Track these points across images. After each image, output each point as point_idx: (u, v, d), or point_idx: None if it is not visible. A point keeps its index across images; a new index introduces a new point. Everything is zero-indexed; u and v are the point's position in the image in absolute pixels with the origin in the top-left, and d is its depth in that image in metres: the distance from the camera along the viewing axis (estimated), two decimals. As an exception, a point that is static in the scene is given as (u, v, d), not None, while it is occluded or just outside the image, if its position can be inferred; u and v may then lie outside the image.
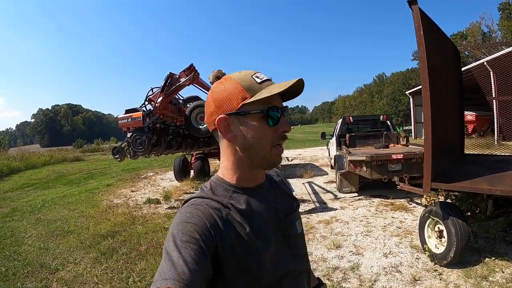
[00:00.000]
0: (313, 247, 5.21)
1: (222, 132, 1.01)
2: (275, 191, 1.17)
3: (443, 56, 5.14)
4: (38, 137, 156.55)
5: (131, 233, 6.40)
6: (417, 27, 3.96)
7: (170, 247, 0.83)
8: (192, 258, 0.80)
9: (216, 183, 1.05)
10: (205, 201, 0.98)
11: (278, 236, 1.06)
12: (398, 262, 4.51)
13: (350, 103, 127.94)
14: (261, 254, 0.97)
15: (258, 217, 1.02)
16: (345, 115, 11.72)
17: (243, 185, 1.04)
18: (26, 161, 22.74)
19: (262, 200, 1.07)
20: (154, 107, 7.30)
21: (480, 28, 54.25)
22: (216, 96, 1.01)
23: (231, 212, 0.98)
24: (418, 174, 7.49)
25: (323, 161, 16.52)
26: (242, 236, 0.95)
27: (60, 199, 10.63)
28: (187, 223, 0.89)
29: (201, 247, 0.84)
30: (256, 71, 1.04)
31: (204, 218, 0.91)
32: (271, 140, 1.00)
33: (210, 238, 0.88)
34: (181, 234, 0.86)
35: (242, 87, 0.98)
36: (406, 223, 6.08)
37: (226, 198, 1.00)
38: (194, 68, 7.54)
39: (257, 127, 0.98)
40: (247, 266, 0.94)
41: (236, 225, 0.96)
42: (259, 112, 0.97)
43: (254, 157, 1.01)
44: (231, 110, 0.98)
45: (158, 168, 17.43)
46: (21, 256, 5.71)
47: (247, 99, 0.97)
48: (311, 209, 7.52)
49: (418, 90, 29.03)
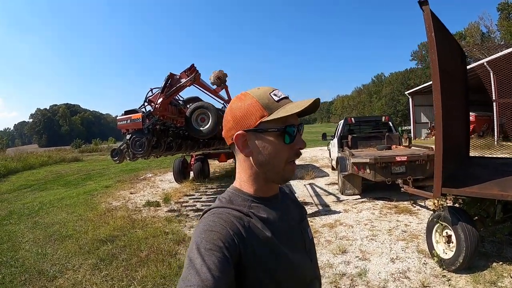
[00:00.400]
0: (319, 253, 5.08)
1: (240, 147, 1.03)
2: (287, 200, 1.20)
3: (452, 57, 5.05)
4: (36, 137, 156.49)
5: (130, 237, 6.27)
6: (428, 28, 3.85)
7: (194, 255, 0.84)
8: (215, 266, 0.81)
9: (234, 194, 1.07)
10: (226, 210, 1.00)
11: (298, 241, 1.11)
12: (406, 267, 4.41)
13: (348, 103, 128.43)
14: (287, 257, 1.00)
15: (278, 224, 1.04)
16: (347, 116, 11.63)
17: (260, 195, 1.07)
18: (23, 161, 22.74)
19: (278, 209, 1.09)
20: (154, 108, 7.17)
21: (479, 28, 54.53)
22: (235, 113, 1.04)
23: (252, 220, 0.99)
24: (421, 176, 7.44)
25: (323, 162, 16.47)
26: (265, 242, 0.97)
27: (58, 201, 10.52)
28: (211, 231, 0.90)
29: (224, 255, 0.85)
30: (274, 89, 1.06)
31: (227, 226, 0.92)
32: (287, 157, 1.03)
33: (233, 246, 0.89)
34: (204, 242, 0.87)
35: (261, 105, 1.00)
36: (411, 227, 5.98)
37: (245, 208, 1.02)
38: (195, 68, 7.42)
39: (274, 144, 1.01)
40: (273, 270, 0.95)
41: (258, 232, 0.98)
42: (276, 130, 1.00)
43: (269, 172, 1.04)
44: (249, 127, 1.01)
45: (157, 169, 17.42)
46: (18, 262, 5.58)
47: (265, 117, 1.00)
48: (314, 212, 7.42)
49: (418, 90, 29.03)
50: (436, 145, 3.99)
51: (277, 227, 1.03)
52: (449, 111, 4.31)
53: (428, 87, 25.57)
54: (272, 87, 1.07)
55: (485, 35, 53.16)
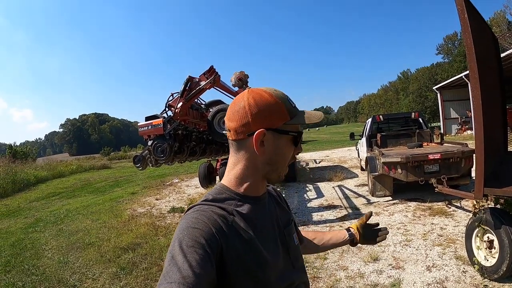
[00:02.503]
0: (348, 260, 4.80)
1: (256, 144, 1.00)
2: (274, 202, 1.20)
3: (485, 43, 4.67)
4: (67, 146, 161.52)
5: (153, 245, 6.14)
6: (461, 10, 3.50)
7: (176, 251, 0.84)
8: (197, 263, 0.81)
9: (221, 191, 1.06)
10: (210, 207, 0.99)
11: (279, 245, 1.09)
12: (444, 276, 4.05)
13: (375, 101, 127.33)
14: (267, 259, 0.99)
15: (261, 225, 1.05)
16: (375, 114, 11.22)
17: (247, 193, 1.05)
18: (53, 170, 23.37)
19: (264, 209, 1.10)
20: (174, 113, 7.08)
21: (504, 17, 53.31)
22: (257, 109, 1.01)
23: (236, 219, 0.99)
24: (456, 175, 7.05)
25: (352, 162, 16.15)
26: (247, 241, 0.97)
27: (83, 209, 10.66)
28: (193, 228, 0.89)
29: (206, 252, 0.85)
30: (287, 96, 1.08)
31: (209, 223, 0.92)
32: (289, 159, 1.09)
33: (215, 244, 0.89)
34: (186, 239, 0.86)
35: (285, 108, 1.02)
36: (447, 230, 5.59)
37: (231, 206, 1.02)
38: (214, 70, 7.28)
39: (287, 146, 1.05)
40: (253, 270, 0.95)
41: (241, 231, 0.98)
42: (295, 134, 1.04)
43: (272, 171, 1.06)
44: (271, 126, 1.01)
45: (183, 175, 17.52)
46: (39, 270, 5.59)
47: (287, 120, 1.02)
48: (343, 215, 7.13)
49: (446, 84, 28.30)
50: (476, 140, 3.62)
51: (260, 228, 1.03)
52: (488, 101, 3.95)
53: (457, 81, 24.92)
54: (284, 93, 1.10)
55: (511, 24, 51.75)
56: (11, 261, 6.20)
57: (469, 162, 7.08)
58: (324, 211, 7.68)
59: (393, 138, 10.08)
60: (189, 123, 7.89)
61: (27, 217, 10.23)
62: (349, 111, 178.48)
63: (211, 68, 7.28)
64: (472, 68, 3.43)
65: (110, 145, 76.75)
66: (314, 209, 7.96)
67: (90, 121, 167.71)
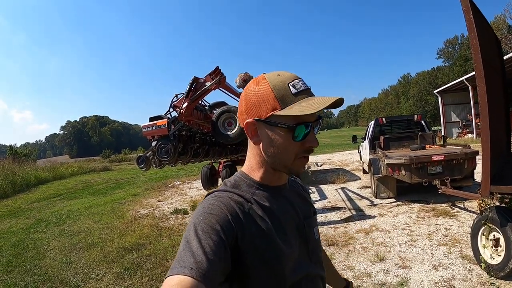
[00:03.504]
0: (355, 260, 4.82)
1: (249, 135, 1.01)
2: (296, 193, 1.17)
3: (489, 45, 4.71)
4: (67, 148, 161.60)
5: (157, 246, 6.13)
6: (466, 11, 3.54)
7: (191, 236, 0.83)
8: (211, 249, 0.80)
9: (240, 178, 1.05)
10: (228, 194, 0.98)
11: (298, 237, 1.06)
12: (450, 275, 4.08)
13: (376, 105, 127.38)
14: (282, 250, 0.96)
15: (279, 215, 1.02)
16: (378, 117, 11.24)
17: (266, 182, 1.04)
18: (54, 171, 23.39)
19: (283, 199, 1.07)
20: (179, 113, 7.09)
21: (505, 21, 53.40)
22: (249, 97, 1.00)
23: (253, 206, 0.98)
24: (459, 176, 7.09)
25: (354, 165, 16.16)
26: (263, 230, 0.95)
27: (85, 210, 10.65)
28: (209, 214, 0.89)
29: (221, 239, 0.84)
30: (295, 77, 0.99)
31: (226, 210, 0.91)
32: (296, 153, 0.98)
33: (231, 230, 0.88)
34: (202, 224, 0.85)
35: (275, 96, 0.95)
36: (452, 230, 5.61)
37: (249, 194, 1.00)
38: (219, 71, 7.30)
39: (284, 138, 0.96)
40: (267, 259, 0.93)
41: (258, 219, 0.96)
42: (285, 127, 0.95)
43: (277, 164, 1.00)
44: (260, 117, 0.97)
45: (185, 177, 17.51)
46: (41, 270, 5.58)
47: (277, 109, 0.94)
48: (347, 217, 7.14)
49: (447, 88, 28.33)
50: (483, 141, 3.66)
51: (278, 218, 1.00)
52: (493, 105, 3.99)
53: (458, 85, 25.03)
54: (295, 75, 1.00)
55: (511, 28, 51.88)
56: (12, 261, 6.18)
57: (472, 163, 7.12)
58: (328, 213, 7.70)
59: (396, 141, 10.08)
60: (193, 124, 7.90)
61: (28, 218, 10.22)
62: (349, 115, 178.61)
63: (217, 68, 7.30)
64: (478, 68, 3.47)
65: (110, 147, 76.58)
66: (318, 211, 7.89)
67: (90, 124, 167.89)
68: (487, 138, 3.53)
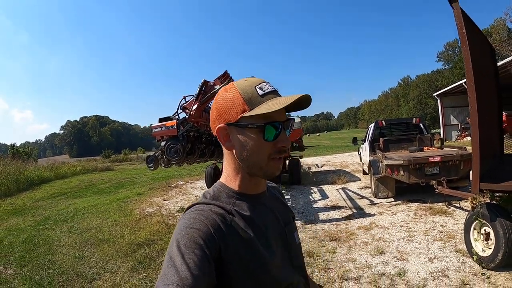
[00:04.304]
0: (356, 254, 5.15)
1: (221, 141, 1.02)
2: (274, 200, 1.18)
3: (482, 54, 5.04)
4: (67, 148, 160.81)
5: (167, 242, 6.11)
6: (459, 25, 3.89)
7: (174, 253, 0.82)
8: (195, 264, 0.80)
9: (220, 189, 1.04)
10: (209, 206, 0.97)
11: (280, 244, 1.06)
12: (445, 266, 4.41)
13: (376, 107, 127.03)
14: (266, 259, 0.96)
15: (261, 224, 1.02)
16: (378, 119, 11.53)
17: (245, 191, 1.04)
18: (55, 171, 23.24)
19: (264, 207, 1.07)
20: (189, 115, 7.29)
21: (504, 25, 53.40)
22: (218, 105, 1.02)
23: (235, 218, 0.97)
24: (455, 177, 7.38)
25: (353, 167, 16.39)
26: (246, 241, 0.95)
27: (92, 208, 10.68)
28: (191, 228, 0.88)
29: (204, 253, 0.83)
30: (262, 81, 1.02)
31: (207, 223, 0.90)
32: (268, 154, 0.99)
33: (213, 244, 0.87)
34: (185, 239, 0.85)
35: (243, 99, 0.97)
36: (447, 227, 5.95)
37: (229, 205, 1.00)
38: (228, 75, 7.52)
39: (255, 140, 0.97)
40: (252, 270, 0.93)
41: (240, 231, 0.95)
42: (255, 127, 0.96)
43: (251, 167, 1.01)
44: (230, 121, 0.98)
45: (187, 177, 17.54)
46: (55, 264, 5.69)
47: (246, 111, 0.96)
48: (348, 215, 7.44)
49: (446, 91, 28.42)
50: (472, 142, 4.00)
51: (260, 227, 1.01)
52: (484, 107, 4.32)
53: (457, 88, 25.07)
54: (262, 79, 1.03)
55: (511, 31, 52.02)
56: (25, 256, 6.27)
57: (468, 165, 7.34)
58: (330, 211, 7.97)
59: (395, 143, 10.37)
60: (201, 125, 8.07)
61: (35, 215, 10.29)
62: (349, 117, 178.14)
63: (226, 73, 7.51)
64: (469, 77, 3.82)
65: (110, 147, 76.18)
66: (320, 209, 8.24)
67: (90, 123, 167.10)
68: (476, 139, 3.89)
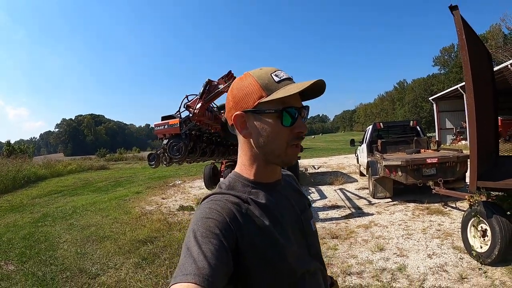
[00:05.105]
0: (357, 250, 5.30)
1: (238, 128, 1.03)
2: (290, 188, 1.19)
3: (480, 59, 5.20)
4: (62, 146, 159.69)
5: (170, 239, 6.36)
6: (459, 32, 4.05)
7: (191, 243, 0.83)
8: (212, 254, 0.80)
9: (235, 179, 1.06)
10: (224, 196, 0.99)
11: (297, 231, 1.07)
12: (443, 262, 4.58)
13: (371, 111, 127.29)
14: (283, 247, 0.97)
15: (277, 212, 1.02)
16: (376, 122, 11.67)
17: (261, 180, 1.05)
18: (51, 168, 23.15)
19: (279, 195, 1.08)
20: (192, 113, 7.33)
21: (501, 30, 53.73)
22: (235, 93, 1.03)
23: (250, 207, 0.98)
24: (452, 178, 7.55)
25: (350, 169, 16.52)
26: (262, 229, 0.95)
27: (90, 206, 10.73)
28: (207, 218, 0.89)
29: (221, 242, 0.84)
30: (277, 69, 1.04)
31: (223, 213, 0.91)
32: (286, 140, 1.00)
33: (230, 233, 0.88)
34: (201, 229, 0.85)
35: (260, 85, 0.98)
36: (444, 226, 6.12)
37: (245, 193, 1.01)
38: (232, 74, 7.60)
39: (272, 126, 0.98)
40: (269, 258, 0.93)
41: (256, 219, 0.96)
42: (273, 112, 0.97)
43: (268, 154, 1.01)
44: (247, 108, 0.99)
45: (184, 176, 17.57)
46: (57, 260, 5.69)
47: (263, 97, 0.97)
48: (347, 214, 7.58)
49: (442, 95, 28.55)
50: (470, 142, 4.18)
51: (276, 215, 1.01)
52: (481, 109, 4.48)
53: (453, 92, 25.17)
54: (276, 68, 1.05)
55: (507, 37, 52.34)
56: (25, 252, 6.25)
57: (464, 166, 7.57)
58: (329, 210, 8.10)
59: (392, 145, 10.52)
60: (203, 124, 8.09)
61: (33, 213, 10.23)
62: (344, 120, 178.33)
63: (230, 72, 7.59)
64: (467, 81, 3.98)
65: (105, 146, 75.64)
66: (319, 209, 8.35)
67: (86, 122, 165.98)
68: (474, 140, 4.05)
